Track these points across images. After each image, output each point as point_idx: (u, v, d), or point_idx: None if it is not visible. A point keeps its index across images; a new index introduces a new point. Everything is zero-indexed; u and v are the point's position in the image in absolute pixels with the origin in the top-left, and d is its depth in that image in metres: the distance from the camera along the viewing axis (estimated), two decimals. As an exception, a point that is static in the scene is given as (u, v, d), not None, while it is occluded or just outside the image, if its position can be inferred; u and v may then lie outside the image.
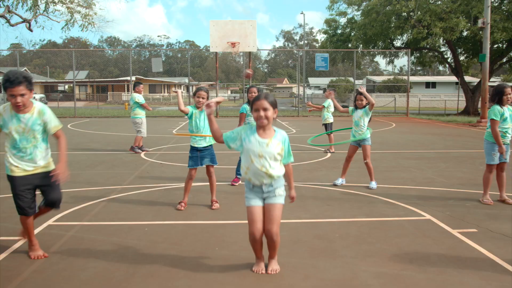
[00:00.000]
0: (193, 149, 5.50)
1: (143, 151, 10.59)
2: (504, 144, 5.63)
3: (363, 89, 6.67)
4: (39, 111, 3.73)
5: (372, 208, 5.56)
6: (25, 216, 3.81)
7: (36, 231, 4.37)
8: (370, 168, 6.73)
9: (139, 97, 10.61)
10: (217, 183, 5.81)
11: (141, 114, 10.58)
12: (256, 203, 3.43)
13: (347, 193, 6.41)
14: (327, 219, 5.10)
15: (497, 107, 5.58)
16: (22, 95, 3.57)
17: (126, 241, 4.32)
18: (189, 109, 5.46)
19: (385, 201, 5.91)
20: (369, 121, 6.77)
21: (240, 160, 4.25)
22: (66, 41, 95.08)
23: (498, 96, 5.57)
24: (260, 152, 3.34)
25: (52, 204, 3.93)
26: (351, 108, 6.93)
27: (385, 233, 4.57)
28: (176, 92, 5.68)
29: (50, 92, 54.88)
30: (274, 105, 3.37)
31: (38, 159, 3.77)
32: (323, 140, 12.04)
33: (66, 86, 60.13)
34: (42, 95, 42.81)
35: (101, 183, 7.01)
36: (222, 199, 5.84)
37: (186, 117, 5.54)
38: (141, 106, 10.56)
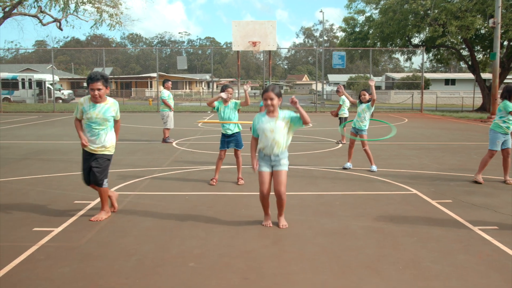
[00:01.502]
0: (223, 135, 6.79)
1: (167, 142, 11.85)
2: (507, 134, 6.83)
3: (373, 82, 7.66)
4: (113, 103, 4.98)
5: (370, 185, 6.70)
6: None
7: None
8: (369, 154, 7.85)
9: (163, 93, 11.95)
10: (242, 166, 7.02)
11: (166, 108, 11.89)
12: (265, 169, 4.61)
13: (351, 174, 7.55)
14: (331, 192, 6.28)
15: (509, 102, 6.77)
16: (99, 89, 4.82)
17: (172, 205, 5.57)
18: (215, 104, 6.72)
19: (382, 180, 7.05)
20: (371, 115, 7.89)
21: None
22: (89, 38, 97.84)
23: (508, 94, 6.76)
24: (270, 127, 4.52)
25: (90, 182, 4.98)
26: (358, 101, 8.06)
27: (376, 202, 5.71)
28: (223, 97, 6.69)
29: (76, 88, 56.92)
30: (279, 95, 4.55)
31: (103, 140, 4.99)
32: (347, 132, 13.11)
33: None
34: (70, 91, 44.50)
35: (143, 166, 8.31)
36: (246, 178, 7.06)
37: (214, 110, 6.82)
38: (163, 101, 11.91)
